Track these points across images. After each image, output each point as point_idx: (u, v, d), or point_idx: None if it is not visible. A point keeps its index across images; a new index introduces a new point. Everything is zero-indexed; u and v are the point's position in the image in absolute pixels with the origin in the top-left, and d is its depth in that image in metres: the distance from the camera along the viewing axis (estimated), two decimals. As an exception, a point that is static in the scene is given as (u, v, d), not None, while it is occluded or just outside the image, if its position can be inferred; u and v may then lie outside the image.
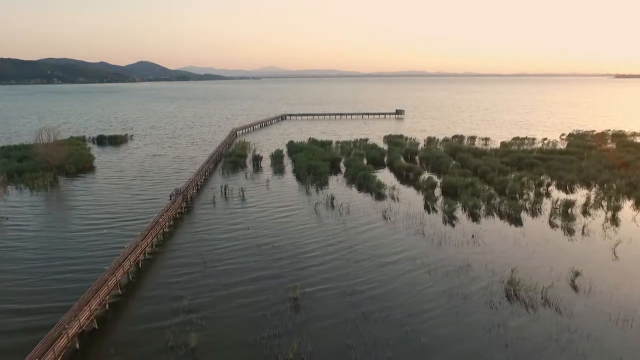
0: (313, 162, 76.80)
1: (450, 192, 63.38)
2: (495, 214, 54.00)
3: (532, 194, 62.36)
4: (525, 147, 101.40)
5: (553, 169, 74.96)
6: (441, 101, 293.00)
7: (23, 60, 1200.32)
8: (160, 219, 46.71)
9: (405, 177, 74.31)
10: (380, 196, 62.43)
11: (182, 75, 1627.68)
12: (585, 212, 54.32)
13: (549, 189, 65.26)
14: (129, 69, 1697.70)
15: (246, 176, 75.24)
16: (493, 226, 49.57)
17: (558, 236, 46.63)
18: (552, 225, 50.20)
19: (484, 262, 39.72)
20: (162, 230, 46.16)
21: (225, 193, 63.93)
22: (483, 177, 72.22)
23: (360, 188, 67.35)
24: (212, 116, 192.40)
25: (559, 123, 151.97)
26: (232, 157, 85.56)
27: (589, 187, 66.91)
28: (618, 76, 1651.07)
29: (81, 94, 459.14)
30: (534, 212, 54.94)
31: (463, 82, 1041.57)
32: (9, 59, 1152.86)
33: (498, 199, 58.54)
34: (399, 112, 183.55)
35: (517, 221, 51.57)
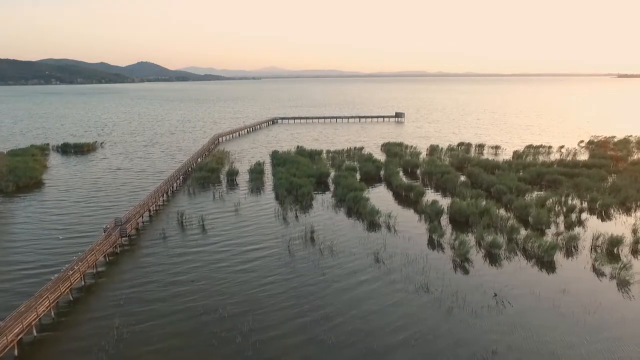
0: (295, 180, 64.57)
1: (461, 222, 51.14)
2: (520, 256, 41.61)
3: (562, 224, 50.12)
4: (541, 157, 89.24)
5: (582, 187, 62.64)
6: (444, 103, 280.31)
7: (21, 61, 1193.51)
8: (72, 272, 34.43)
9: (405, 198, 61.98)
10: (373, 226, 50.18)
11: (181, 76, 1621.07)
12: (636, 252, 42.02)
13: (582, 216, 52.83)
14: (129, 69, 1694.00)
15: (214, 197, 62.94)
16: (521, 278, 37.16)
17: (611, 295, 34.24)
18: (598, 274, 37.86)
19: (516, 347, 27.43)
20: (71, 288, 33.85)
21: (182, 222, 51.66)
22: (499, 199, 59.99)
23: (349, 213, 55.11)
24: (200, 120, 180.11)
25: (575, 127, 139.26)
26: (202, 171, 73.16)
27: (629, 212, 54.63)
28: (620, 76, 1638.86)
29: (74, 95, 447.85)
30: (570, 252, 42.61)
31: (465, 82, 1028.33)
32: (7, 60, 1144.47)
33: (522, 232, 46.30)
34: (398, 115, 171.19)
35: (550, 268, 39.25)
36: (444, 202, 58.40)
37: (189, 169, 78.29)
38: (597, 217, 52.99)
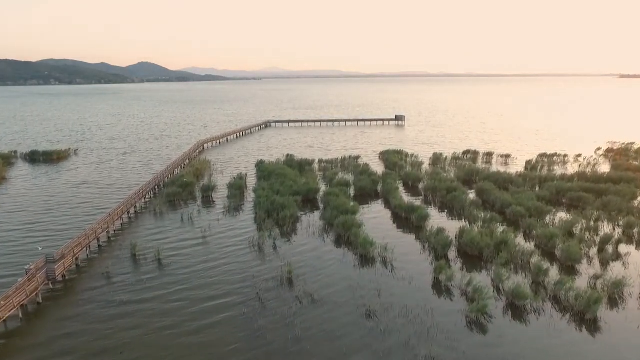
0: (278, 199, 55.44)
1: (473, 256, 42.04)
2: (553, 310, 32.41)
3: (596, 259, 41.06)
4: (557, 168, 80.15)
5: (612, 208, 53.54)
6: (447, 104, 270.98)
7: (21, 61, 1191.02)
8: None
9: (405, 221, 52.77)
10: (366, 262, 41.16)
11: (182, 76, 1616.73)
12: (700, 305, 32.89)
13: (620, 248, 43.69)
14: (130, 69, 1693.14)
15: (183, 219, 53.91)
16: (559, 348, 28.00)
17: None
18: (660, 341, 28.76)
19: None
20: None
21: (135, 257, 42.67)
22: (515, 223, 51.02)
23: (338, 243, 46.13)
24: (189, 123, 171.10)
25: (587, 131, 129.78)
26: (173, 187, 64.08)
27: (675, 242, 45.45)
28: (622, 76, 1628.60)
29: (69, 97, 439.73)
30: (614, 303, 33.45)
31: (467, 82, 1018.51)
32: (5, 60, 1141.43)
33: (551, 274, 37.15)
34: (399, 118, 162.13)
35: (594, 330, 30.09)
36: (452, 226, 49.45)
37: (161, 182, 69.20)
38: (638, 249, 43.89)
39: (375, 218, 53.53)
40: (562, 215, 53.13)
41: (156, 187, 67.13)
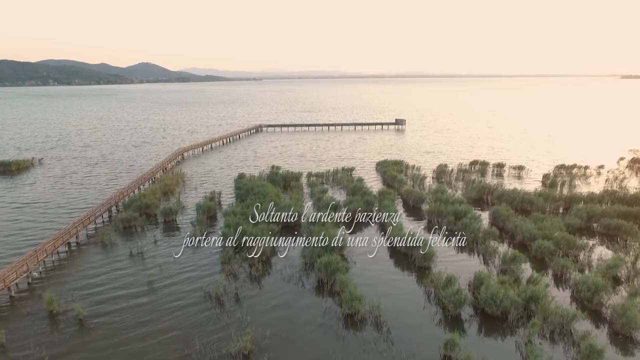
0: (250, 228, 45.17)
1: (494, 317, 31.85)
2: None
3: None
4: (579, 182, 70.14)
5: (661, 242, 43.44)
6: (449, 106, 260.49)
7: (19, 62, 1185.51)
8: None
9: (405, 258, 42.56)
10: (352, 327, 31.01)
11: (182, 77, 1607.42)
12: None
13: (685, 304, 33.48)
14: (129, 70, 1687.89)
15: (132, 254, 43.87)
16: None
17: None
18: None
19: None
20: None
21: (52, 314, 32.64)
22: (542, 261, 41.02)
23: (319, 293, 36.06)
24: (177, 128, 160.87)
25: (605, 137, 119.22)
26: (128, 211, 53.85)
27: None
28: (624, 77, 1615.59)
29: (62, 98, 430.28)
30: None
31: (468, 83, 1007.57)
32: (4, 61, 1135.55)
33: (608, 354, 26.94)
34: (399, 122, 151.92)
35: None
36: (463, 267, 39.60)
37: (119, 202, 59.14)
38: None
39: (367, 255, 43.16)
40: (599, 251, 43.11)
41: (113, 207, 57.12)
